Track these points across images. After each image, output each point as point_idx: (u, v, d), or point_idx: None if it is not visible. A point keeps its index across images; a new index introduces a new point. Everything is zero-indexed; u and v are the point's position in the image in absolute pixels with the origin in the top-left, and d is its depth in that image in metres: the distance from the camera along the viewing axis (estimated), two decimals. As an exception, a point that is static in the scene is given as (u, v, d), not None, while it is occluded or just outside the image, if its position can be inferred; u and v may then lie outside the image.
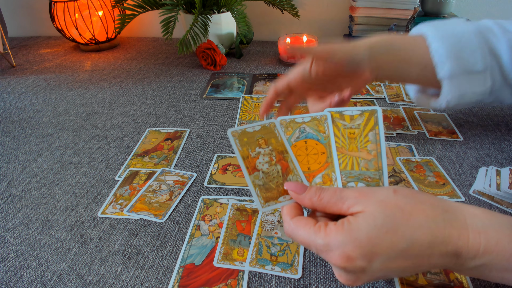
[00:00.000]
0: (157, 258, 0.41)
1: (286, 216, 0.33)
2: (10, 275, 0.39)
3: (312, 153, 0.35)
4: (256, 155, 0.34)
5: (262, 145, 0.34)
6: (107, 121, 0.70)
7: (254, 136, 0.34)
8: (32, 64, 1.03)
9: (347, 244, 0.27)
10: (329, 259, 0.29)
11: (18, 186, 0.54)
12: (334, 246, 0.28)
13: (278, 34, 1.18)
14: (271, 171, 0.34)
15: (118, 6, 1.00)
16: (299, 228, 0.31)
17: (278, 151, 0.35)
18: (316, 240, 0.29)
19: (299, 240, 0.31)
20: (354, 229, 0.28)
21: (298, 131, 0.36)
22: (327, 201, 0.31)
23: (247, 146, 0.34)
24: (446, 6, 0.95)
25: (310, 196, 0.32)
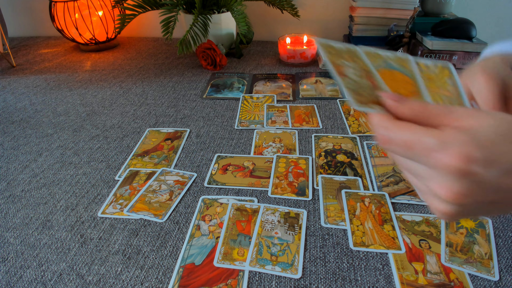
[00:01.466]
0: (157, 258, 0.41)
1: (383, 119, 0.27)
2: (10, 275, 0.39)
3: (399, 80, 0.32)
4: (342, 65, 0.30)
5: (348, 60, 0.31)
6: (107, 121, 0.70)
7: (340, 52, 0.31)
8: (32, 64, 1.03)
9: (468, 142, 0.23)
10: (440, 160, 0.24)
11: (18, 186, 0.54)
12: (451, 143, 0.23)
13: (278, 34, 1.18)
14: (360, 82, 0.30)
15: (118, 6, 1.00)
16: (403, 128, 0.26)
17: (364, 70, 0.31)
18: (426, 138, 0.24)
19: (401, 141, 0.26)
20: (477, 134, 0.24)
21: (382, 61, 0.32)
22: (432, 112, 0.26)
23: (335, 55, 0.30)
24: (446, 6, 0.95)
25: (412, 105, 0.27)
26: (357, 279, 0.38)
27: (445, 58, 0.88)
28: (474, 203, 0.25)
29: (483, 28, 1.08)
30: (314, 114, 0.70)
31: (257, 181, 0.52)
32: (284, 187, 0.51)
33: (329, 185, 0.51)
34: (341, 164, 0.55)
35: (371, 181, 0.52)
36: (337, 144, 0.60)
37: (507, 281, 0.37)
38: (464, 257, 0.39)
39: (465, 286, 0.36)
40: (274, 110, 0.72)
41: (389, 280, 0.38)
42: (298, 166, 0.55)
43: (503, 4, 1.09)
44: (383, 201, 0.47)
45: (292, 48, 0.93)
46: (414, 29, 0.97)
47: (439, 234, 0.42)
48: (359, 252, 0.41)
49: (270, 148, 0.60)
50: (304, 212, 0.46)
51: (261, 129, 0.65)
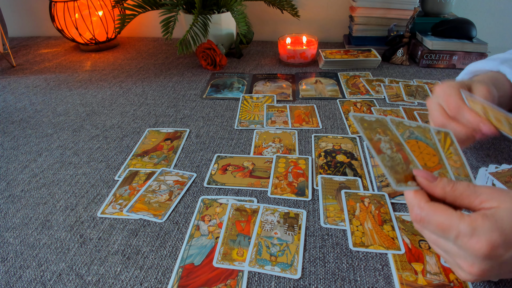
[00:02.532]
0: (157, 258, 0.41)
1: (418, 199, 0.32)
2: (9, 275, 0.39)
3: (426, 152, 0.36)
4: (378, 140, 0.34)
5: (381, 133, 0.35)
6: (107, 121, 0.70)
7: (372, 124, 0.35)
8: (32, 64, 1.03)
9: (494, 231, 0.28)
10: (470, 245, 0.29)
11: (18, 186, 0.54)
12: (481, 231, 0.28)
13: (278, 34, 1.18)
14: (394, 157, 0.34)
15: (118, 6, 1.00)
16: (438, 211, 0.30)
17: (395, 142, 0.35)
18: (460, 224, 0.29)
19: (436, 223, 0.30)
20: (499, 220, 0.29)
21: (408, 132, 0.37)
22: (461, 193, 0.31)
23: (368, 130, 0.35)
24: (446, 6, 0.95)
25: (443, 185, 0.32)
26: (356, 279, 0.38)
27: (445, 58, 0.88)
28: (494, 275, 0.31)
29: (483, 28, 1.08)
30: (314, 114, 0.70)
31: (257, 181, 0.52)
32: (284, 187, 0.51)
33: (329, 185, 0.51)
34: (340, 164, 0.55)
35: (370, 181, 0.52)
36: (336, 144, 0.60)
37: (506, 282, 0.37)
38: (463, 257, 0.39)
39: (464, 286, 0.36)
40: (274, 110, 0.72)
41: (389, 280, 0.38)
42: (298, 166, 0.55)
43: (503, 4, 1.09)
44: (382, 201, 0.47)
45: (292, 48, 0.93)
46: (414, 29, 0.97)
47: (439, 234, 0.42)
48: (359, 252, 0.41)
49: (269, 148, 0.60)
50: (303, 212, 0.46)
51: (261, 129, 0.65)
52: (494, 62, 0.55)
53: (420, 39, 0.94)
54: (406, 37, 0.91)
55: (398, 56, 0.93)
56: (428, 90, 0.77)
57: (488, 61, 0.57)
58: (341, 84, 0.82)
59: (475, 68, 0.58)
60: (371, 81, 0.82)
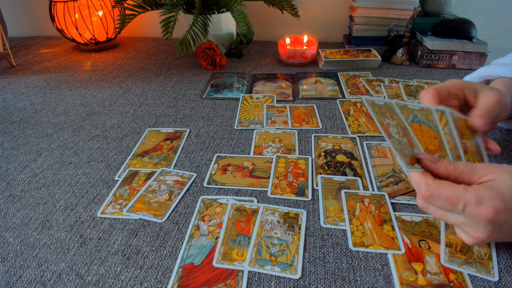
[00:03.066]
0: (157, 258, 0.41)
1: (425, 178, 0.36)
2: (9, 275, 0.39)
3: (427, 136, 0.40)
4: (387, 124, 0.38)
5: (389, 118, 0.38)
6: (107, 121, 0.70)
7: (381, 108, 0.38)
8: (32, 64, 1.03)
9: (496, 198, 0.32)
10: (477, 212, 0.33)
11: (18, 186, 0.54)
12: (486, 199, 0.33)
13: (278, 34, 1.18)
14: (402, 141, 0.38)
15: (118, 6, 1.00)
16: (445, 186, 0.34)
17: (401, 127, 0.39)
18: (467, 195, 0.33)
19: (445, 196, 0.34)
20: (498, 189, 0.33)
21: (411, 115, 0.40)
22: (461, 171, 0.36)
23: (379, 115, 0.38)
24: (446, 6, 0.95)
25: (445, 166, 0.36)
26: (356, 279, 0.38)
27: (445, 58, 0.88)
28: (497, 238, 0.35)
29: (483, 28, 1.08)
30: (314, 114, 0.70)
31: (257, 181, 0.52)
32: (284, 187, 0.51)
33: (329, 185, 0.51)
34: (340, 164, 0.55)
35: (370, 181, 0.52)
36: (336, 144, 0.60)
37: (507, 282, 0.37)
38: (463, 257, 0.39)
39: (464, 286, 0.36)
40: (273, 110, 0.72)
41: (389, 280, 0.38)
42: (298, 166, 0.55)
43: (503, 4, 1.09)
44: (382, 201, 0.47)
45: (292, 48, 0.93)
46: (414, 29, 0.97)
47: (439, 234, 0.42)
48: (359, 252, 0.41)
49: (269, 148, 0.60)
50: (303, 212, 0.46)
51: (261, 129, 0.65)
52: (507, 68, 0.55)
53: (420, 39, 0.94)
54: (406, 37, 0.91)
55: (398, 56, 0.93)
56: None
57: (500, 66, 0.56)
58: (341, 84, 0.82)
59: (486, 73, 0.58)
60: (371, 81, 0.83)
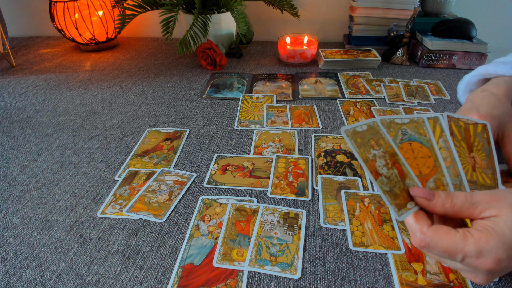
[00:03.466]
0: (157, 258, 0.41)
1: (420, 225, 0.32)
2: (9, 275, 0.39)
3: (420, 157, 0.35)
4: (373, 158, 0.33)
5: (374, 146, 0.34)
6: (106, 121, 0.70)
7: (365, 136, 0.34)
8: (32, 64, 1.03)
9: (499, 249, 0.29)
10: (478, 264, 0.30)
11: (18, 186, 0.54)
12: (487, 251, 0.29)
13: (278, 34, 1.18)
14: (391, 175, 0.33)
15: (118, 6, 1.00)
16: (442, 236, 0.30)
17: (390, 153, 0.34)
18: (466, 247, 0.30)
19: (442, 248, 0.30)
20: (500, 234, 0.29)
21: (400, 132, 0.35)
22: (460, 208, 0.32)
23: (363, 147, 0.33)
24: (446, 6, 0.95)
25: (442, 203, 0.32)
26: (356, 279, 0.38)
27: (445, 58, 0.88)
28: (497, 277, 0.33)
29: (483, 28, 1.08)
30: (313, 114, 0.70)
31: (257, 181, 0.52)
32: (284, 187, 0.51)
33: (329, 185, 0.51)
34: (340, 164, 0.55)
35: (370, 181, 0.52)
36: (336, 144, 0.60)
37: (507, 282, 0.37)
38: (463, 257, 0.39)
39: (464, 286, 0.36)
40: (273, 110, 0.72)
41: (389, 280, 0.38)
42: (298, 166, 0.55)
43: (503, 4, 1.09)
44: (382, 201, 0.47)
45: (292, 48, 0.93)
46: (414, 29, 0.97)
47: (439, 234, 0.42)
48: (359, 252, 0.41)
49: (269, 148, 0.60)
50: (303, 212, 0.46)
51: (261, 129, 0.65)
52: (506, 66, 0.55)
53: (420, 39, 0.94)
54: (406, 37, 0.91)
55: (398, 56, 0.93)
56: (428, 90, 0.77)
57: (499, 65, 0.56)
58: (341, 84, 0.82)
59: (486, 71, 0.58)
60: (371, 81, 0.83)
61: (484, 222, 0.31)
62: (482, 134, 0.37)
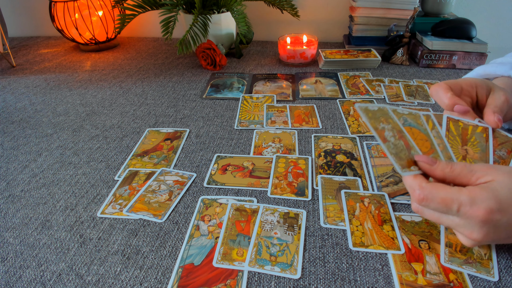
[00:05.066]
0: (156, 258, 0.41)
1: (418, 181, 0.35)
2: (9, 275, 0.39)
3: (419, 139, 0.40)
4: (382, 128, 0.38)
5: (384, 122, 0.38)
6: (106, 121, 0.70)
7: (375, 114, 0.38)
8: (32, 64, 1.03)
9: (490, 199, 0.32)
10: (471, 213, 0.32)
11: (18, 186, 0.54)
12: (479, 200, 0.32)
13: (278, 34, 1.18)
14: (397, 144, 0.38)
15: (118, 6, 1.00)
16: (439, 188, 0.34)
17: (397, 130, 0.39)
18: (460, 196, 0.33)
19: (439, 198, 0.33)
20: (494, 190, 0.33)
21: (402, 119, 0.40)
22: (458, 173, 0.35)
23: (374, 120, 0.38)
24: (446, 6, 0.95)
25: (442, 168, 0.36)
26: (356, 279, 0.38)
27: (445, 58, 0.88)
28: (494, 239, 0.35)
29: (483, 28, 1.08)
30: (313, 114, 0.70)
31: (257, 181, 0.52)
32: (284, 187, 0.51)
33: (329, 185, 0.51)
34: (340, 164, 0.55)
35: (370, 181, 0.52)
36: (336, 144, 0.60)
37: (507, 282, 0.37)
38: (463, 257, 0.39)
39: (464, 286, 0.36)
40: (273, 110, 0.72)
41: (389, 280, 0.38)
42: (298, 166, 0.55)
43: (503, 4, 1.09)
44: (382, 201, 0.47)
45: (292, 48, 0.93)
46: (414, 29, 0.97)
47: (439, 234, 0.42)
48: (359, 252, 0.41)
49: (269, 148, 0.60)
50: (303, 212, 0.46)
51: (261, 129, 0.65)
52: (504, 66, 0.55)
53: (420, 39, 0.94)
54: (406, 37, 0.91)
55: (398, 56, 0.93)
56: (428, 90, 0.77)
57: (498, 65, 0.56)
58: (341, 84, 0.82)
59: (484, 71, 0.58)
60: (371, 81, 0.83)
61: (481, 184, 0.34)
62: (481, 134, 0.40)
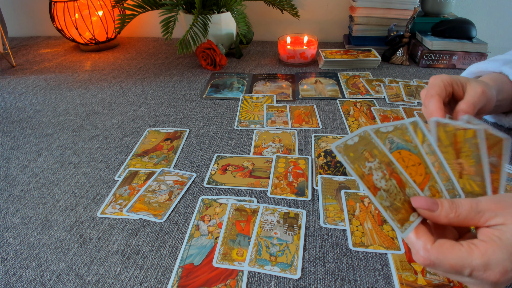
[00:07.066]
0: (156, 258, 0.41)
1: (422, 241, 0.31)
2: (9, 275, 0.39)
3: (411, 165, 0.34)
4: (369, 171, 0.32)
5: (369, 158, 0.32)
6: (106, 121, 0.70)
7: (357, 149, 0.32)
8: (32, 64, 1.03)
9: (506, 260, 0.28)
10: (485, 277, 0.29)
11: (18, 186, 0.54)
12: (494, 263, 0.28)
13: (278, 34, 1.18)
14: (390, 188, 0.32)
15: (118, 6, 1.00)
16: (447, 252, 0.29)
17: (385, 163, 0.33)
18: (473, 261, 0.29)
19: (448, 265, 0.29)
20: (507, 244, 0.28)
21: (387, 142, 0.34)
22: (465, 217, 0.31)
23: (357, 162, 0.32)
24: (446, 6, 0.95)
25: (447, 213, 0.31)
26: (356, 279, 0.38)
27: (445, 58, 0.88)
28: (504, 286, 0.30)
29: (483, 28, 1.08)
30: (313, 114, 0.70)
31: (257, 181, 0.52)
32: (284, 187, 0.51)
33: (329, 185, 0.51)
34: (340, 164, 0.55)
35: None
36: (336, 144, 0.60)
37: (507, 282, 0.37)
38: (463, 257, 0.39)
39: (464, 286, 0.36)
40: (273, 110, 0.72)
41: (389, 280, 0.38)
42: (298, 166, 0.55)
43: (503, 4, 1.09)
44: (382, 201, 0.47)
45: (292, 48, 0.93)
46: (414, 29, 0.97)
47: (439, 234, 0.42)
48: (359, 252, 0.41)
49: (269, 148, 0.60)
50: (303, 212, 0.46)
51: (261, 129, 0.65)
52: (496, 63, 0.55)
53: (420, 39, 0.94)
54: (406, 37, 0.91)
55: (398, 56, 0.93)
56: (428, 90, 0.77)
57: (490, 62, 0.57)
58: (341, 84, 0.82)
59: (477, 69, 0.58)
60: (371, 81, 0.83)
61: (489, 231, 0.30)
62: (472, 140, 0.35)
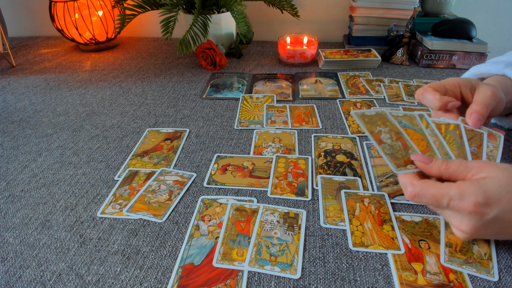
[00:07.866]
0: (156, 258, 0.41)
1: (410, 178, 0.37)
2: (9, 275, 0.39)
3: (415, 138, 0.42)
4: (378, 132, 0.40)
5: (381, 125, 0.41)
6: (106, 121, 0.70)
7: (372, 119, 0.41)
8: (32, 64, 1.03)
9: (478, 193, 0.33)
10: (460, 206, 0.34)
11: (18, 186, 0.54)
12: (467, 194, 0.34)
13: (278, 34, 1.18)
14: (394, 145, 0.40)
15: (118, 6, 1.00)
16: (429, 185, 0.36)
17: (394, 132, 0.41)
18: (450, 191, 0.35)
19: (430, 195, 0.35)
20: (483, 185, 0.34)
21: (397, 121, 0.43)
22: (454, 170, 0.37)
23: (369, 124, 0.40)
24: (446, 6, 0.95)
25: (438, 166, 0.37)
26: (356, 279, 0.38)
27: (445, 58, 0.88)
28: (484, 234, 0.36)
29: (483, 28, 1.08)
30: (313, 114, 0.70)
31: (257, 181, 0.52)
32: (284, 187, 0.51)
33: (329, 185, 0.51)
34: (340, 164, 0.55)
35: (370, 181, 0.52)
36: (336, 144, 0.60)
37: (507, 282, 0.37)
38: (463, 257, 0.39)
39: (464, 286, 0.36)
40: (273, 110, 0.72)
41: (389, 280, 0.38)
42: (298, 166, 0.55)
43: (503, 4, 1.09)
44: (382, 201, 0.47)
45: (292, 48, 0.93)
46: (414, 29, 0.97)
47: (439, 234, 0.42)
48: (359, 252, 0.41)
49: (269, 148, 0.60)
50: (303, 212, 0.46)
51: (261, 129, 0.65)
52: (498, 65, 0.55)
53: (420, 39, 0.94)
54: (406, 37, 0.91)
55: (398, 56, 0.93)
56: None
57: (492, 64, 0.56)
58: (341, 84, 0.82)
59: (479, 71, 0.58)
60: (371, 81, 0.83)
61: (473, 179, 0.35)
62: (454, 131, 0.43)
